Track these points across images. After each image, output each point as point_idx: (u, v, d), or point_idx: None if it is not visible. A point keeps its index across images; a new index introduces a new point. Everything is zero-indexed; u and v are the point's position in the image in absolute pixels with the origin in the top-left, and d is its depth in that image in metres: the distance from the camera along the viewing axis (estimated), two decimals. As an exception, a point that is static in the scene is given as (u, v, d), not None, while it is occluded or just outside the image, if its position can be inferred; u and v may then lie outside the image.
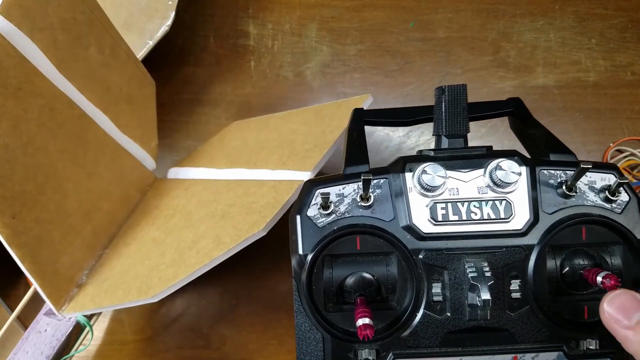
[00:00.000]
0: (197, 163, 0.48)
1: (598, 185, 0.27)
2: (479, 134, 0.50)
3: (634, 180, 0.47)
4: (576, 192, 0.27)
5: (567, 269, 0.27)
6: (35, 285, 0.35)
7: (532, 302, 0.27)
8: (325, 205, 0.27)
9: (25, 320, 0.43)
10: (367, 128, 0.34)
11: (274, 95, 0.52)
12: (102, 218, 0.42)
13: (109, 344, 0.47)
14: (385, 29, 0.51)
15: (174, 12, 0.46)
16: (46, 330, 0.36)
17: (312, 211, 0.28)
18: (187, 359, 0.49)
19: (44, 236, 0.36)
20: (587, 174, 0.27)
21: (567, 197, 0.27)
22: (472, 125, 0.36)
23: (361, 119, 0.35)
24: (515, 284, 0.27)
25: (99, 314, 0.42)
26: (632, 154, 0.47)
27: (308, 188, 0.28)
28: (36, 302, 0.38)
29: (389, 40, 0.51)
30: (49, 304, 0.36)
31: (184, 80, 0.53)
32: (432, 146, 0.32)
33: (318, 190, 0.28)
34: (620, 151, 0.48)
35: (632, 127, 0.49)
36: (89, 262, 0.40)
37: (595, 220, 0.27)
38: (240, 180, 0.40)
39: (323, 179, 0.29)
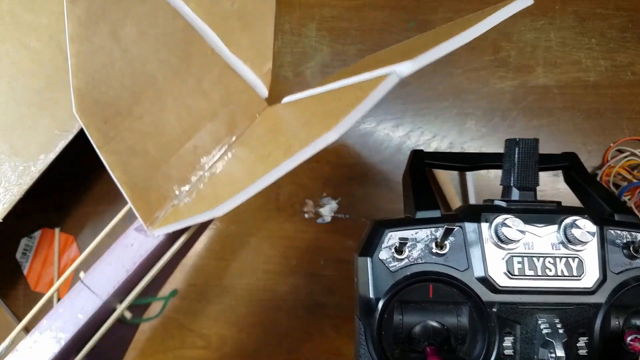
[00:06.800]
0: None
1: None
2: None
3: (635, 181, 0.47)
4: None
5: (627, 329, 0.28)
6: (126, 198, 0.34)
7: None
8: (400, 249, 0.27)
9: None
10: (367, 127, 0.34)
11: (274, 96, 0.52)
12: (204, 138, 0.39)
13: (108, 344, 0.47)
14: (385, 29, 0.51)
15: (174, 12, 0.46)
16: (132, 245, 0.36)
17: (384, 254, 0.27)
18: (187, 359, 0.49)
19: (137, 147, 0.34)
20: None
21: (633, 258, 0.27)
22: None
23: (422, 160, 0.35)
24: (582, 341, 0.27)
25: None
26: (633, 154, 0.47)
27: (378, 229, 0.28)
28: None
29: (389, 40, 0.51)
30: (139, 220, 0.35)
31: (184, 80, 0.52)
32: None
33: (392, 234, 0.28)
34: (620, 151, 0.48)
35: (633, 127, 0.49)
36: (187, 182, 0.38)
37: None
38: (335, 89, 0.36)
39: (392, 221, 0.28)
